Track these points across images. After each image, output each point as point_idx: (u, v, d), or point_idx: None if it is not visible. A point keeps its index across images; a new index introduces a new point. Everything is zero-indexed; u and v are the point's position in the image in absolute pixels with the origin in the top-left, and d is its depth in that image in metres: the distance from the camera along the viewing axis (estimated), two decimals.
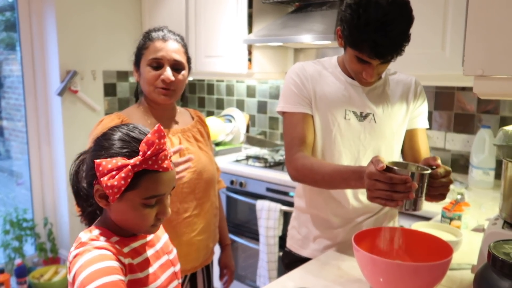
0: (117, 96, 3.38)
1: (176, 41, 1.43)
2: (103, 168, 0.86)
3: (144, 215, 0.91)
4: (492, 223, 1.11)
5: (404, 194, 1.02)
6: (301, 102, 1.37)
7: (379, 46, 1.17)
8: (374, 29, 1.15)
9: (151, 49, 1.40)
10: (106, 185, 0.86)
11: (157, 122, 1.43)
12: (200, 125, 1.57)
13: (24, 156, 3.25)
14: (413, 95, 1.42)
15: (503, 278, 0.78)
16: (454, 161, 2.42)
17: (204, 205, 1.48)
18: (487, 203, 1.84)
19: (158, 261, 1.01)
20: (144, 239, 1.00)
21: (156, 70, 1.39)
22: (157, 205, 0.92)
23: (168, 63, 1.40)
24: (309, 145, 1.36)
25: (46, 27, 3.02)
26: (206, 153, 1.52)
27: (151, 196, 0.90)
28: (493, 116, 2.28)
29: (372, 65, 1.25)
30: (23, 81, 3.08)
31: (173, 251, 1.10)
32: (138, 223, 0.92)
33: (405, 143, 1.46)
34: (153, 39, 1.41)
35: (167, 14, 3.20)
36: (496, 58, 0.97)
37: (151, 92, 1.41)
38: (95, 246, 0.87)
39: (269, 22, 2.83)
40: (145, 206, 0.90)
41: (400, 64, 1.84)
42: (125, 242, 0.95)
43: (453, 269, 1.21)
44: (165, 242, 1.08)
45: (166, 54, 1.39)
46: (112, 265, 0.85)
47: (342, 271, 1.23)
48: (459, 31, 1.92)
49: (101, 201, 0.91)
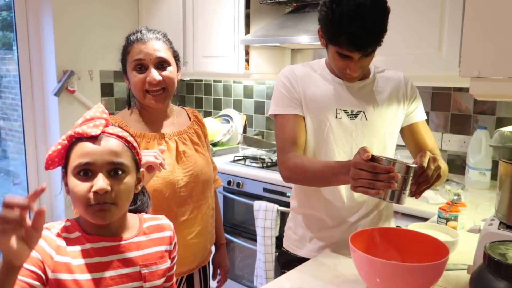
0: (114, 96, 3.37)
1: (156, 38, 1.39)
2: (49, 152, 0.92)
3: (75, 188, 0.89)
4: (488, 224, 1.12)
5: (386, 184, 1.03)
6: (292, 104, 1.38)
7: (356, 38, 1.20)
8: (348, 21, 1.18)
9: (132, 53, 1.38)
10: (49, 157, 0.91)
11: (152, 125, 1.43)
12: (197, 125, 1.55)
13: (21, 156, 3.24)
14: (404, 92, 1.44)
15: (498, 278, 0.79)
16: (451, 162, 2.42)
17: (201, 208, 1.47)
18: (483, 203, 1.85)
19: (120, 269, 0.94)
20: (116, 242, 0.95)
21: (141, 73, 1.37)
22: (91, 177, 0.89)
23: (152, 63, 1.36)
24: (300, 146, 1.37)
25: (43, 26, 3.01)
26: (202, 155, 1.50)
27: (79, 164, 0.89)
28: (490, 117, 2.29)
29: (354, 59, 1.26)
30: (19, 81, 3.07)
31: (156, 265, 0.99)
32: (75, 201, 0.91)
33: (409, 140, 1.46)
34: (133, 42, 1.39)
35: (164, 14, 3.19)
36: (493, 59, 0.98)
37: (142, 98, 1.39)
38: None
39: (266, 22, 2.83)
40: (77, 177, 0.90)
41: (397, 64, 1.85)
42: (85, 239, 0.93)
43: (449, 269, 1.21)
44: (151, 253, 1.00)
45: (147, 54, 1.36)
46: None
47: (339, 272, 1.23)
48: (456, 32, 1.92)
49: (66, 187, 0.94)
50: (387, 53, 2.00)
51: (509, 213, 1.07)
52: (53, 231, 0.93)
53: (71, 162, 0.91)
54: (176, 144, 1.43)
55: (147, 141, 1.39)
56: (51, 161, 0.92)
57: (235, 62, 2.82)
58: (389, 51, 2.04)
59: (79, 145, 0.92)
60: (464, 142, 2.36)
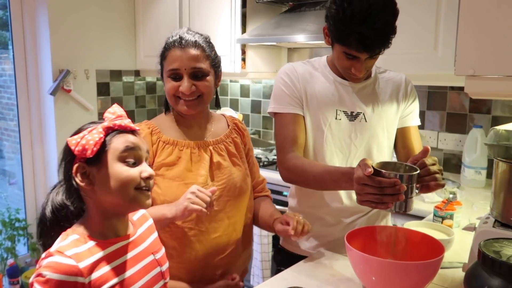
0: (111, 96, 3.36)
1: (195, 44, 1.28)
2: (75, 139, 0.90)
3: (124, 172, 0.92)
4: (483, 222, 1.12)
5: (394, 197, 1.03)
6: (292, 102, 1.37)
7: (366, 39, 1.18)
8: (359, 21, 1.16)
9: (168, 59, 1.29)
10: (82, 146, 0.89)
11: (187, 132, 1.36)
12: (236, 134, 1.43)
13: (17, 155, 3.22)
14: (403, 93, 1.43)
15: (493, 276, 0.79)
16: (447, 161, 2.43)
17: (236, 225, 1.36)
18: (479, 202, 1.86)
19: (141, 262, 1.00)
20: (127, 240, 0.99)
21: (176, 80, 1.29)
22: (137, 164, 0.95)
23: (187, 73, 1.27)
24: (300, 146, 1.36)
25: (38, 25, 3.00)
26: (239, 167, 1.39)
27: (125, 149, 0.93)
28: (485, 116, 2.29)
29: (361, 60, 1.25)
30: (15, 80, 3.05)
31: (161, 250, 1.09)
32: (120, 186, 0.92)
33: (398, 142, 1.46)
34: (170, 47, 1.29)
35: (161, 13, 3.19)
36: (487, 58, 0.98)
37: (174, 104, 1.32)
38: (54, 268, 0.85)
39: (262, 21, 2.83)
40: (124, 163, 0.93)
41: (393, 63, 1.85)
42: (103, 245, 0.93)
43: (444, 267, 1.22)
44: (153, 241, 1.07)
45: (183, 64, 1.27)
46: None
47: (335, 270, 1.24)
48: (452, 31, 1.93)
49: (83, 181, 0.92)
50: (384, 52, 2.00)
51: (503, 211, 1.08)
52: (67, 253, 0.88)
53: (114, 149, 0.93)
54: (211, 154, 1.34)
55: (179, 149, 1.31)
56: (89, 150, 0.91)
57: (231, 61, 2.82)
58: (386, 50, 2.04)
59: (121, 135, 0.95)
60: (460, 141, 2.37)
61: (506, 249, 0.83)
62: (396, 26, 1.22)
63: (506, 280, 0.77)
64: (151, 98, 3.70)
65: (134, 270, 0.97)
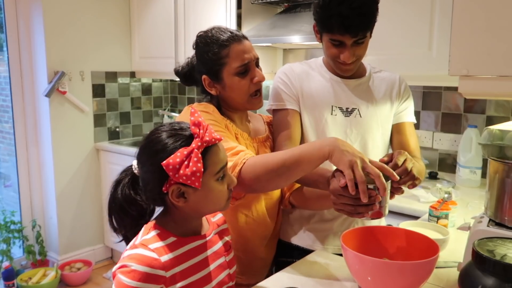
0: (106, 97, 3.36)
1: (243, 36, 1.32)
2: (174, 164, 0.87)
3: (220, 191, 0.96)
4: (478, 221, 1.12)
5: (368, 207, 1.08)
6: (289, 99, 1.41)
7: (345, 19, 1.22)
8: (338, 3, 1.21)
9: (232, 56, 1.26)
10: (186, 176, 0.87)
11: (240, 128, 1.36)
12: (270, 132, 1.47)
13: (12, 158, 3.21)
14: (397, 92, 1.47)
15: (486, 275, 0.79)
16: (442, 161, 2.44)
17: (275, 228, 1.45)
18: (473, 201, 1.86)
19: (214, 262, 1.03)
20: (204, 239, 1.02)
21: (244, 76, 1.29)
22: (225, 177, 0.98)
23: (253, 63, 1.30)
24: (295, 141, 1.39)
25: (33, 27, 2.99)
26: None
27: (220, 169, 0.95)
28: (480, 116, 2.31)
29: (347, 46, 1.29)
30: (10, 82, 3.05)
31: (231, 253, 1.11)
32: (216, 202, 0.97)
33: (394, 138, 1.49)
34: (228, 45, 1.27)
35: (156, 15, 3.19)
36: (481, 58, 0.98)
37: (245, 102, 1.32)
38: (139, 260, 0.87)
39: (258, 22, 2.83)
40: (218, 181, 0.95)
41: (388, 64, 1.86)
42: (182, 242, 0.96)
43: (440, 267, 1.22)
44: (225, 243, 1.10)
45: (250, 55, 1.29)
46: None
47: (331, 271, 1.24)
48: (446, 31, 1.94)
49: (179, 200, 0.92)
50: (378, 53, 2.01)
51: (497, 210, 1.08)
52: (151, 246, 0.91)
53: (211, 172, 0.93)
54: (257, 151, 1.37)
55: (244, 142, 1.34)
56: (196, 182, 0.90)
57: None
58: (380, 51, 2.05)
59: (213, 153, 0.94)
60: (454, 140, 2.38)
61: (500, 248, 0.84)
62: (377, 8, 1.26)
63: (500, 279, 0.78)
64: (147, 99, 3.70)
65: (209, 269, 1.00)
